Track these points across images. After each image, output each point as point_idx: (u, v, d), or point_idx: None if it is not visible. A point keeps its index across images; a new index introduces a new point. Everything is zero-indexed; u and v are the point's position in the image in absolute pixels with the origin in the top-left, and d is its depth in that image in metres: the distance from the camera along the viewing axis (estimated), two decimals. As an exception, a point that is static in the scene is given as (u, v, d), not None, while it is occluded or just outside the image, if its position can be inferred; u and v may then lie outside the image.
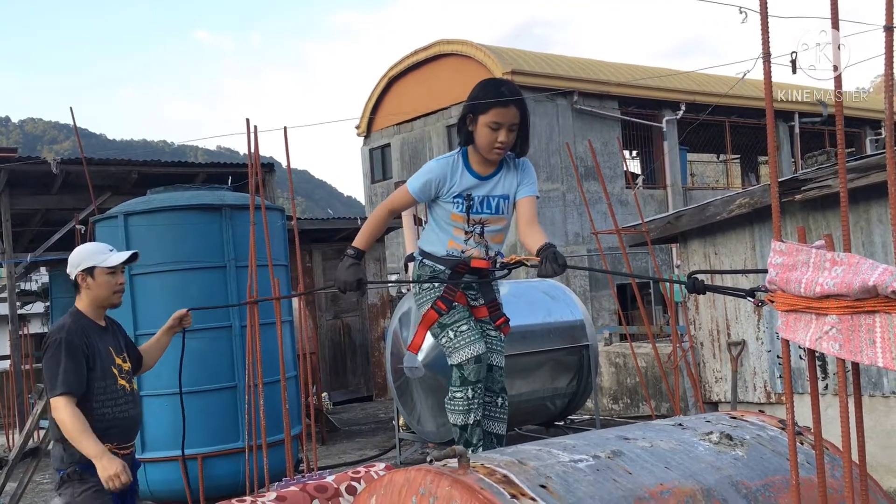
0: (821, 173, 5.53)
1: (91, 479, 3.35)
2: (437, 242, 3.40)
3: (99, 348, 3.50)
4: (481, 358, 3.35)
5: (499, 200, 3.36)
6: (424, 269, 3.44)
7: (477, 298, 3.48)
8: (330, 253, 12.90)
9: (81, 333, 3.46)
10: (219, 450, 5.71)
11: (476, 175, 3.34)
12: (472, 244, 3.36)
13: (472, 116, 3.30)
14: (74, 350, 3.39)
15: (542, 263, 2.94)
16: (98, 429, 3.37)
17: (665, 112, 18.83)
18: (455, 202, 3.32)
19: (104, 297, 3.56)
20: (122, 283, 3.63)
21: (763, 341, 6.41)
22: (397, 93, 19.63)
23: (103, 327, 3.62)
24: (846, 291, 1.77)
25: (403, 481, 2.38)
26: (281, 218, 6.52)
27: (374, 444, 9.49)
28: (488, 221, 3.36)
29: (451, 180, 3.31)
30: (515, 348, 7.39)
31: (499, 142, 3.25)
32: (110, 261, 3.54)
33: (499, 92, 3.28)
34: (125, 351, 3.69)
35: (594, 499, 2.21)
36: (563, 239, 17.31)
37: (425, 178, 3.33)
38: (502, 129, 3.24)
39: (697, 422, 2.90)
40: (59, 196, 10.36)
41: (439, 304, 3.34)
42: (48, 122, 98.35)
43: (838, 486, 2.57)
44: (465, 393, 3.36)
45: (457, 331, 3.33)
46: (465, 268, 3.37)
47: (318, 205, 73.50)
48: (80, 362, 3.39)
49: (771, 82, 1.99)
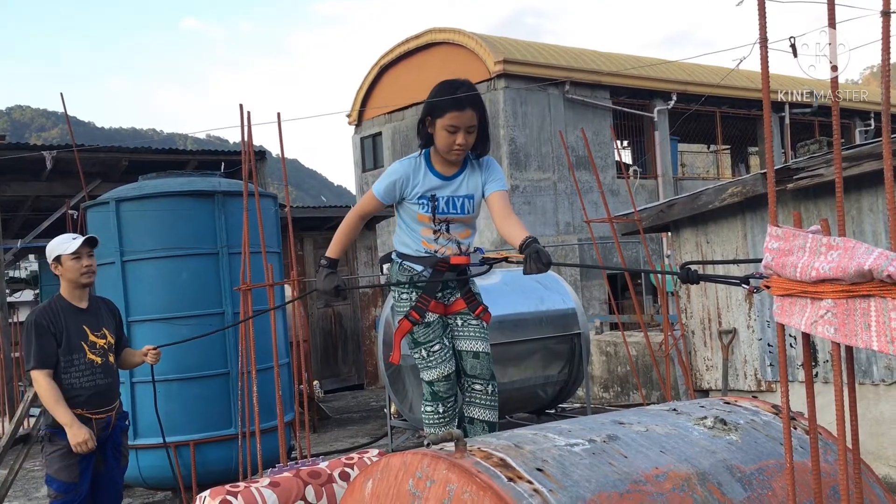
0: (813, 162, 5.55)
1: (60, 442, 3.93)
2: (410, 243, 3.45)
3: (69, 328, 4.01)
4: (451, 377, 3.48)
5: (464, 200, 3.40)
6: (403, 272, 3.47)
7: (453, 292, 3.50)
8: (321, 241, 12.88)
9: (51, 315, 4.00)
10: (211, 436, 5.71)
11: (439, 176, 3.37)
12: (443, 242, 3.41)
13: (430, 119, 3.33)
14: (41, 330, 3.94)
15: (525, 262, 2.94)
16: (68, 396, 3.93)
17: (656, 102, 18.85)
18: (420, 203, 3.36)
19: (75, 279, 4.07)
20: (87, 265, 4.09)
21: (754, 329, 6.45)
22: (389, 81, 19.57)
23: (83, 308, 4.12)
24: (842, 275, 1.78)
25: (400, 465, 2.39)
26: (274, 205, 6.50)
27: (365, 432, 9.50)
28: (453, 220, 3.40)
29: (414, 181, 3.35)
30: (507, 336, 7.41)
31: (457, 144, 3.27)
32: (71, 247, 4.05)
33: (455, 95, 3.30)
34: (105, 328, 4.16)
35: (591, 482, 2.22)
36: (555, 228, 17.34)
37: (389, 180, 3.37)
38: (460, 131, 3.25)
39: (692, 407, 2.92)
40: (48, 183, 10.30)
41: (413, 314, 3.40)
42: (36, 109, 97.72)
43: (831, 470, 2.59)
44: (435, 408, 3.51)
45: (429, 350, 3.44)
46: (444, 265, 3.39)
47: (309, 194, 73.29)
48: (48, 340, 3.94)
49: (768, 67, 2.00)
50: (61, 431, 3.92)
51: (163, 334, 5.19)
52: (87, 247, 4.10)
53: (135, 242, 5.86)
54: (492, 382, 3.54)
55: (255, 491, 4.01)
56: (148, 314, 5.83)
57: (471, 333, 3.48)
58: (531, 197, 17.09)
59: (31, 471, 8.53)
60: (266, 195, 6.29)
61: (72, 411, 3.91)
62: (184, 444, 5.53)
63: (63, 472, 3.94)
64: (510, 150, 16.81)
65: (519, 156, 16.97)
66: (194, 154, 10.69)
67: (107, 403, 4.10)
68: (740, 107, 20.31)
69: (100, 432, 4.06)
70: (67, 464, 3.94)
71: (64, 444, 3.92)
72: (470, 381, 3.52)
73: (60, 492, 3.97)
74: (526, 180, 17.05)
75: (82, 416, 3.94)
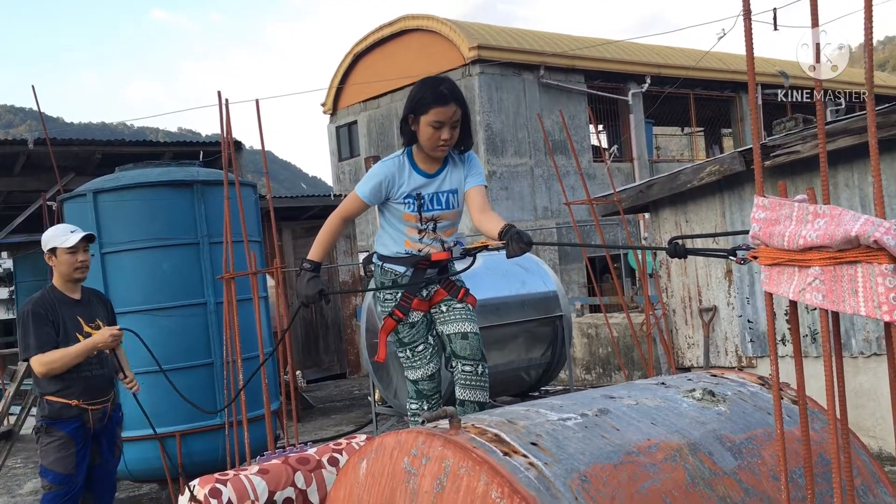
0: (789, 139, 5.61)
1: (56, 433, 3.95)
2: (393, 244, 3.45)
3: (65, 318, 4.02)
4: (435, 377, 3.57)
5: (448, 195, 3.40)
6: (386, 275, 3.48)
7: (434, 286, 3.52)
8: (300, 231, 12.83)
9: (47, 305, 4.01)
10: (196, 427, 5.67)
11: (423, 174, 3.38)
12: (428, 241, 3.41)
13: (414, 117, 3.32)
14: (39, 318, 3.96)
15: (508, 245, 2.94)
16: (63, 386, 3.95)
17: (630, 85, 18.92)
18: (406, 202, 3.36)
19: (67, 273, 4.09)
20: (82, 260, 4.10)
21: (734, 306, 6.52)
22: (363, 69, 19.48)
23: (76, 300, 4.16)
24: (829, 243, 1.80)
25: (395, 444, 2.40)
26: (253, 193, 6.45)
27: (349, 420, 9.51)
28: (440, 217, 3.41)
29: (399, 180, 3.35)
30: (490, 320, 7.43)
31: (442, 139, 3.27)
32: (68, 241, 4.06)
33: (438, 91, 3.26)
34: (98, 319, 4.16)
35: (585, 454, 2.24)
36: (533, 213, 17.38)
37: (375, 181, 3.35)
38: (445, 127, 3.25)
39: (679, 380, 2.95)
40: (21, 178, 10.14)
41: (396, 312, 3.43)
42: (3, 105, 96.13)
43: (818, 438, 2.63)
44: (420, 405, 3.59)
45: (413, 350, 3.49)
46: (426, 263, 3.41)
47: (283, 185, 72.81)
48: (47, 328, 3.95)
49: (752, 39, 2.01)
50: (57, 422, 3.93)
51: (145, 325, 5.14)
52: (83, 242, 4.10)
53: (114, 234, 5.80)
54: (482, 363, 3.55)
55: (245, 478, 4.01)
56: (129, 306, 5.77)
57: (457, 316, 3.48)
58: (508, 182, 17.12)
59: (12, 468, 8.44)
60: (246, 184, 6.25)
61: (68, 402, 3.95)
62: (169, 435, 5.49)
63: (59, 463, 3.94)
64: (487, 136, 16.82)
65: (495, 141, 16.98)
66: (169, 146, 10.57)
67: (103, 394, 4.11)
68: (713, 88, 20.45)
69: (96, 423, 4.06)
70: (64, 455, 3.94)
71: (61, 436, 3.93)
72: (460, 363, 3.50)
73: (56, 483, 3.96)
74: (503, 166, 17.07)
75: (79, 407, 3.96)
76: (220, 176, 5.92)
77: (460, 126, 3.32)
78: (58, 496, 3.97)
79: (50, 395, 3.99)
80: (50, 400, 3.99)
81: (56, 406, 3.98)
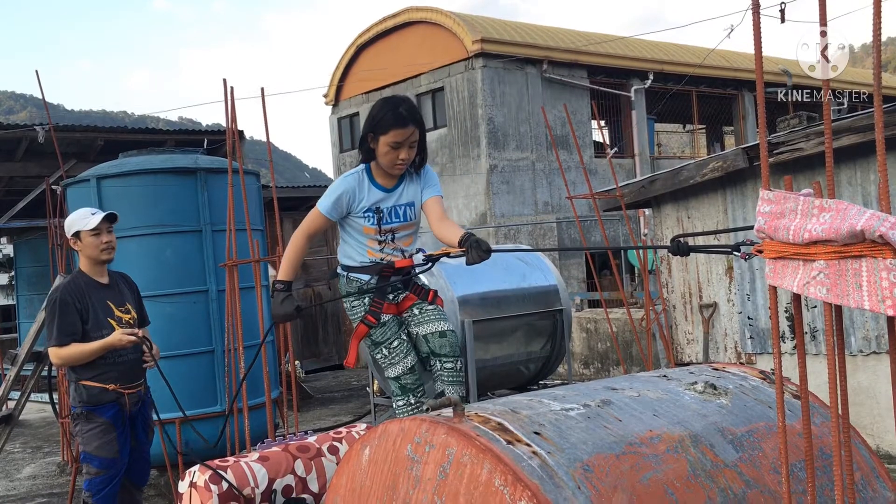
0: (793, 136, 5.62)
1: (97, 419, 3.98)
2: (356, 255, 3.57)
3: (94, 303, 4.02)
4: (415, 368, 3.63)
5: (405, 208, 3.55)
6: (351, 284, 3.59)
7: (402, 292, 3.64)
8: (300, 221, 12.82)
9: (76, 291, 4.00)
10: (197, 413, 5.68)
11: (382, 188, 3.52)
12: (388, 251, 3.55)
13: (373, 136, 3.44)
14: (66, 307, 3.95)
15: (467, 252, 3.07)
16: (100, 371, 3.98)
17: (633, 81, 18.90)
18: (366, 216, 3.49)
19: (94, 255, 4.06)
20: (107, 241, 4.07)
21: (734, 303, 6.53)
22: (366, 61, 19.45)
23: (104, 284, 4.14)
24: (834, 237, 1.80)
25: (398, 431, 2.41)
26: (256, 182, 6.45)
27: (348, 411, 9.53)
28: (399, 229, 3.56)
29: (359, 195, 3.49)
30: (490, 313, 7.43)
31: (400, 159, 3.41)
32: (91, 223, 4.02)
33: (398, 112, 3.40)
34: (128, 303, 4.20)
35: (587, 444, 2.26)
36: (533, 208, 17.38)
37: (335, 196, 3.48)
38: (402, 147, 3.39)
39: (681, 373, 2.96)
40: (22, 163, 10.13)
41: (368, 318, 3.54)
42: (3, 91, 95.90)
43: (818, 433, 2.65)
44: (406, 400, 3.64)
45: (389, 347, 3.58)
46: (390, 270, 3.53)
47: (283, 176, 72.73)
48: (72, 317, 3.94)
49: (760, 32, 2.02)
50: (97, 408, 3.97)
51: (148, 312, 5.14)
52: (106, 222, 4.08)
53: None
54: (460, 359, 3.69)
55: (245, 465, 4.03)
56: (131, 293, 5.78)
57: (431, 317, 3.61)
58: (509, 176, 17.11)
59: (11, 452, 8.47)
60: (249, 172, 6.25)
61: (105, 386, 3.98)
62: (169, 421, 5.50)
63: (103, 448, 3.98)
64: (489, 130, 16.81)
65: (497, 135, 16.97)
66: (171, 134, 10.55)
67: (137, 378, 4.15)
68: (716, 86, 20.43)
69: (132, 407, 4.11)
70: (107, 440, 3.98)
71: (101, 422, 3.97)
72: (441, 361, 3.62)
73: (102, 468, 3.99)
74: (504, 160, 17.06)
75: (116, 391, 4.00)
76: (223, 164, 5.92)
77: (417, 145, 3.47)
78: (104, 481, 4.01)
79: (86, 381, 4.01)
80: (87, 385, 4.01)
81: (94, 391, 4.00)
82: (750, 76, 20.31)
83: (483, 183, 16.86)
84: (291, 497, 4.03)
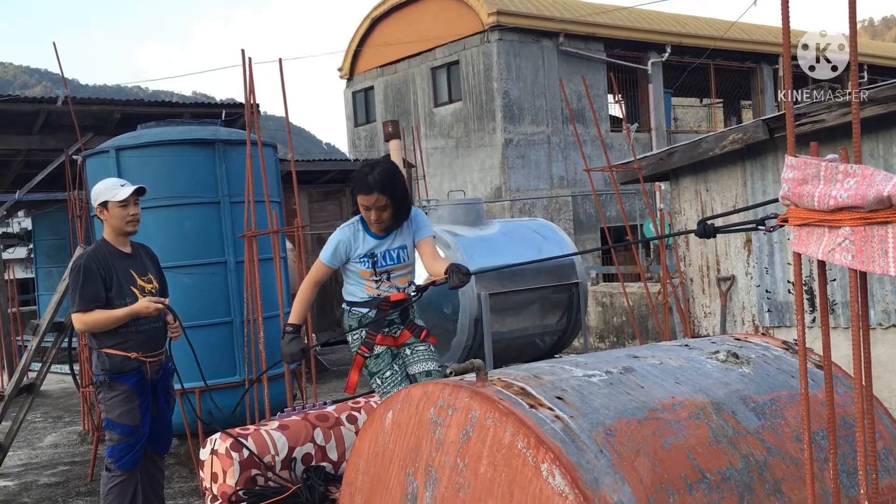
0: (814, 108, 5.55)
1: (119, 387, 4.03)
2: (357, 292, 3.95)
3: (118, 272, 4.06)
4: None
5: (398, 251, 3.88)
6: (352, 318, 3.95)
7: (399, 326, 3.98)
8: (316, 195, 12.83)
9: (100, 259, 4.04)
10: (216, 383, 5.73)
11: (374, 236, 3.85)
12: (385, 289, 3.91)
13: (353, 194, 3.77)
14: (90, 274, 3.99)
15: (449, 278, 3.49)
16: (122, 339, 4.03)
17: (650, 55, 18.72)
18: (362, 261, 3.85)
19: (119, 226, 4.11)
20: (133, 213, 4.12)
21: (752, 276, 6.51)
22: (381, 34, 19.35)
23: (127, 254, 4.17)
24: (860, 203, 1.79)
25: (421, 395, 2.43)
26: (274, 154, 6.45)
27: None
28: (393, 270, 3.90)
29: (355, 244, 3.85)
30: (506, 286, 7.45)
31: (372, 220, 3.74)
32: (119, 195, 4.07)
33: (364, 181, 3.68)
34: (150, 273, 4.24)
35: (609, 409, 2.27)
36: (549, 182, 17.32)
37: (334, 246, 3.86)
38: (371, 211, 3.71)
39: (703, 342, 2.96)
40: (40, 136, 10.18)
41: (362, 349, 3.90)
42: (18, 66, 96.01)
43: (840, 402, 2.64)
44: None
45: (382, 378, 3.93)
46: (387, 304, 3.90)
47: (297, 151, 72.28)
48: (96, 284, 3.99)
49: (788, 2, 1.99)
50: (120, 377, 4.02)
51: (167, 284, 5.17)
52: (134, 196, 4.13)
53: (135, 192, 5.82)
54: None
55: (265, 433, 4.08)
56: (150, 264, 5.82)
57: (421, 357, 3.96)
58: (525, 150, 17.04)
59: (32, 422, 8.59)
60: (267, 143, 6.25)
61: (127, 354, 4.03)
62: (190, 391, 5.56)
63: (126, 415, 4.04)
64: (504, 104, 16.72)
65: (513, 109, 16.88)
66: (188, 107, 10.58)
67: (159, 347, 4.20)
68: (734, 59, 20.20)
69: (154, 375, 4.16)
70: (130, 408, 4.04)
71: (124, 389, 4.03)
72: None
73: (125, 435, 4.06)
74: (519, 134, 16.99)
75: (138, 359, 4.04)
76: (241, 135, 5.92)
77: (393, 206, 3.73)
78: (126, 447, 4.07)
79: (108, 349, 4.05)
80: (109, 353, 4.05)
81: (117, 359, 4.05)
82: (770, 48, 20.05)
83: (498, 157, 16.80)
84: (311, 465, 4.09)
